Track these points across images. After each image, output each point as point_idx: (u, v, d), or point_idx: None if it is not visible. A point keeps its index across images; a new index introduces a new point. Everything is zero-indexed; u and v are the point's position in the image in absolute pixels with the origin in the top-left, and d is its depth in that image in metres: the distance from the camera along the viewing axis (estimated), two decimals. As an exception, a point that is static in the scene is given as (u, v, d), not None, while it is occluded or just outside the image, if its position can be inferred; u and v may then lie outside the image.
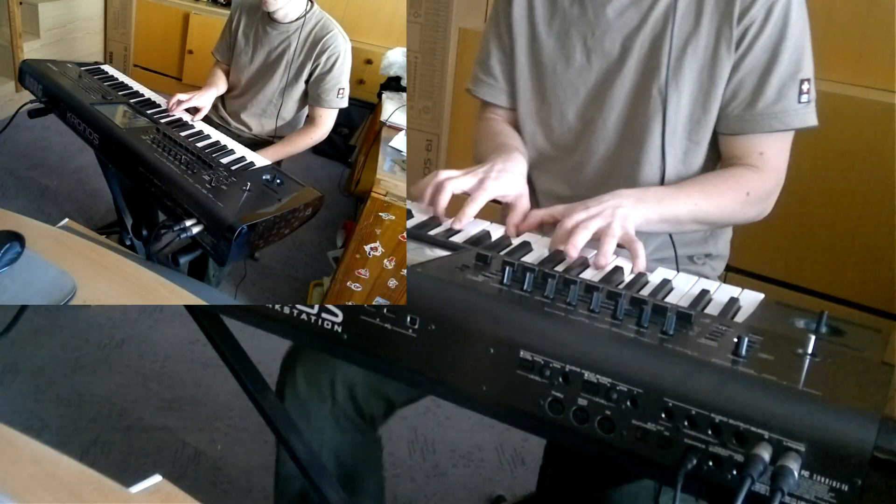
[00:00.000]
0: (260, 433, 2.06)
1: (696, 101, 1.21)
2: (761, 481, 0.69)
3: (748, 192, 1.19)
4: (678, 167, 1.25)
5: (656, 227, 1.14)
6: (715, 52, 1.19)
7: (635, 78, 1.24)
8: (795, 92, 1.18)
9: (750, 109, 1.19)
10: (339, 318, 0.91)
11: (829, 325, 0.88)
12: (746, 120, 1.20)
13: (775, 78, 1.17)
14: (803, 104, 1.19)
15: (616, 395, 0.76)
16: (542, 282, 0.87)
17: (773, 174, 1.23)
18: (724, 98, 1.21)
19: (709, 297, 0.96)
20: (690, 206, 1.15)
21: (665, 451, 0.74)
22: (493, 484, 2.00)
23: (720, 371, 0.74)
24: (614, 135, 1.27)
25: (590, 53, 1.26)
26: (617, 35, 1.24)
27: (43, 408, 2.12)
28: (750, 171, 1.21)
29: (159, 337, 2.46)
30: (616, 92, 1.25)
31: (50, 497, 0.71)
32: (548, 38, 1.29)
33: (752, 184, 1.20)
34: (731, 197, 1.19)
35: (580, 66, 1.27)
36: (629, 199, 1.09)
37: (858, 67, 2.19)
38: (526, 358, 0.79)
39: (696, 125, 1.23)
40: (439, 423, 2.17)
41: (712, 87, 1.20)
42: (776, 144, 1.21)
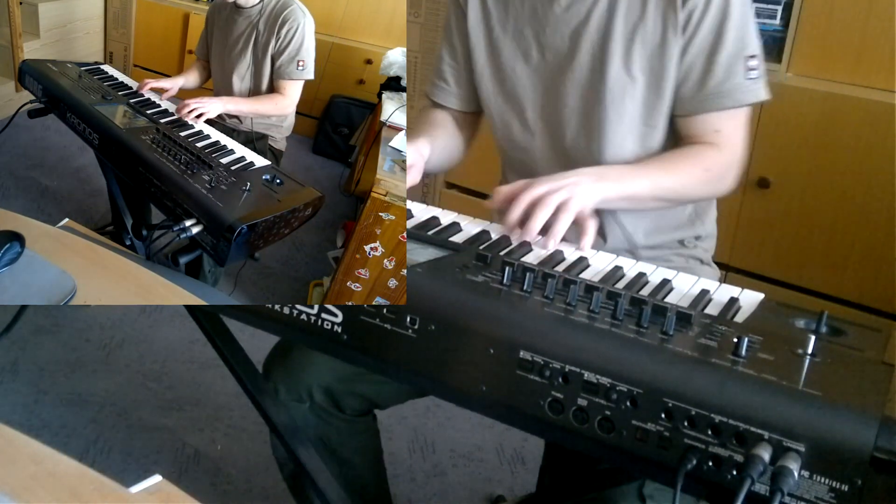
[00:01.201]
0: (260, 433, 2.06)
1: (648, 86, 1.24)
2: (761, 481, 0.69)
3: (707, 168, 1.22)
4: (637, 152, 1.28)
5: (616, 204, 1.17)
6: (663, 37, 1.22)
7: (587, 70, 1.26)
8: (742, 69, 1.21)
9: (701, 90, 1.22)
10: (338, 319, 0.91)
11: (829, 325, 0.88)
12: (699, 100, 1.23)
13: (722, 57, 1.20)
14: (752, 80, 1.21)
15: (616, 395, 0.76)
16: (542, 282, 0.87)
17: (731, 150, 1.24)
18: (676, 81, 1.23)
19: (709, 297, 0.96)
20: (650, 183, 1.18)
21: (665, 452, 0.74)
22: (493, 484, 2.00)
23: (720, 371, 0.74)
24: (573, 128, 1.30)
25: (544, 50, 1.29)
26: (565, 29, 1.27)
27: (43, 408, 2.12)
28: (708, 147, 1.23)
29: (159, 337, 2.46)
30: (569, 86, 1.28)
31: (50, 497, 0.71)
32: (504, 39, 1.33)
33: (711, 160, 1.22)
34: (690, 173, 1.21)
35: (537, 63, 1.30)
36: (589, 177, 1.12)
37: (858, 67, 2.19)
38: (526, 358, 0.79)
39: (651, 110, 1.25)
40: (439, 423, 2.17)
41: (663, 71, 1.23)
42: (731, 121, 1.24)
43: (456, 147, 1.43)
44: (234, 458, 2.01)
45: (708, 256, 1.39)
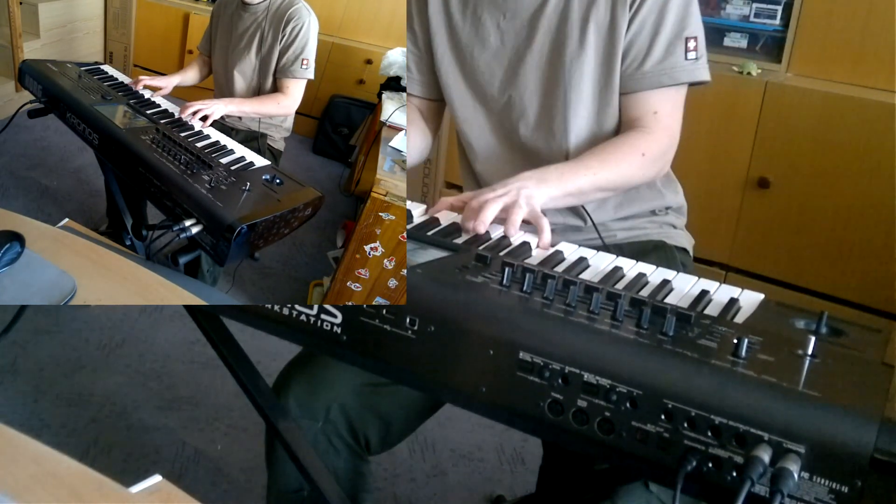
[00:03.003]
0: (259, 433, 2.05)
1: (601, 65, 1.29)
2: (761, 483, 0.69)
3: (643, 154, 1.25)
4: (594, 130, 1.33)
5: (562, 202, 1.20)
6: (612, 15, 1.26)
7: (545, 53, 1.31)
8: (682, 49, 1.25)
9: (640, 68, 1.27)
10: (338, 319, 0.91)
11: (828, 326, 0.88)
12: (637, 78, 1.27)
13: (662, 36, 1.25)
14: (691, 61, 1.26)
15: (616, 396, 0.76)
16: (542, 283, 0.87)
17: (666, 133, 1.28)
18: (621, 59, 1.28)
19: (708, 297, 0.96)
20: (591, 177, 1.21)
21: (665, 453, 0.74)
22: (493, 484, 2.00)
23: (720, 372, 0.73)
24: (533, 110, 1.34)
25: (503, 35, 1.33)
26: (524, 14, 1.31)
27: (43, 408, 2.13)
28: (643, 133, 1.27)
29: (159, 337, 2.46)
30: (528, 69, 1.32)
31: (50, 497, 0.71)
32: (463, 25, 1.37)
33: (646, 145, 1.26)
34: (628, 161, 1.25)
35: (496, 48, 1.34)
36: (531, 181, 1.15)
37: (858, 67, 2.19)
38: (525, 359, 0.79)
39: (604, 89, 1.30)
40: (439, 424, 2.17)
41: (613, 49, 1.27)
42: (667, 102, 1.28)
43: (426, 138, 1.48)
44: (234, 458, 2.01)
45: (681, 223, 1.45)
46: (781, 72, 2.27)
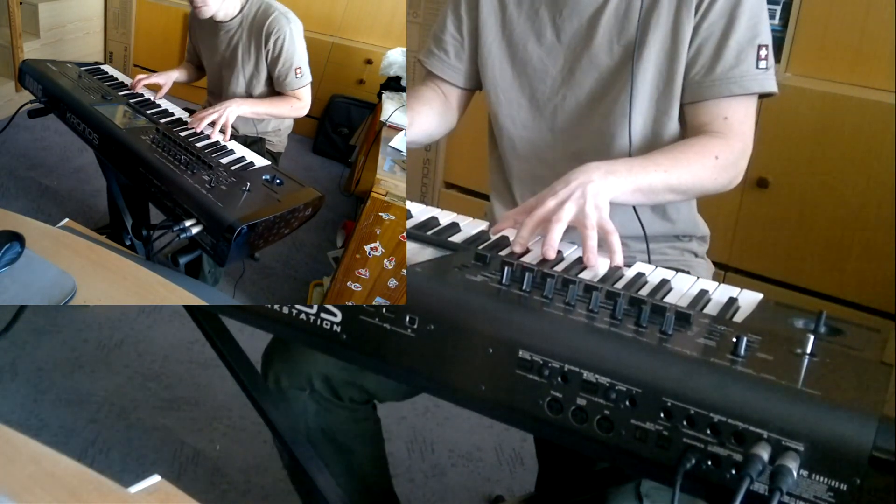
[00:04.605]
0: (258, 433, 2.06)
1: (660, 70, 1.24)
2: (760, 481, 0.69)
3: (717, 157, 1.19)
4: (649, 138, 1.27)
5: (630, 197, 1.12)
6: (676, 19, 1.22)
7: (604, 54, 1.27)
8: (753, 57, 1.20)
9: (709, 75, 1.21)
10: (338, 318, 0.91)
11: (827, 325, 0.88)
12: (706, 86, 1.21)
13: (733, 42, 1.19)
14: (762, 70, 1.20)
15: (615, 394, 0.76)
16: (541, 281, 0.87)
17: (739, 139, 1.22)
18: (686, 65, 1.23)
19: (707, 296, 0.96)
20: (662, 174, 1.14)
21: (664, 451, 0.74)
22: (492, 484, 2.00)
23: (719, 371, 0.74)
24: (587, 111, 1.29)
25: (559, 32, 1.29)
26: (584, 12, 1.27)
27: (42, 408, 2.12)
28: (716, 137, 1.21)
29: (158, 337, 2.46)
30: (585, 69, 1.28)
31: (49, 497, 0.71)
32: (518, 16, 1.33)
33: (720, 149, 1.19)
34: (701, 163, 1.18)
35: (550, 44, 1.30)
36: (598, 172, 1.07)
37: (857, 67, 2.19)
38: (525, 357, 0.79)
39: (662, 95, 1.25)
40: (438, 423, 2.17)
41: (676, 54, 1.23)
42: (739, 109, 1.22)
43: (445, 124, 1.42)
44: (233, 458, 2.01)
45: (702, 251, 1.40)
46: (780, 71, 2.27)
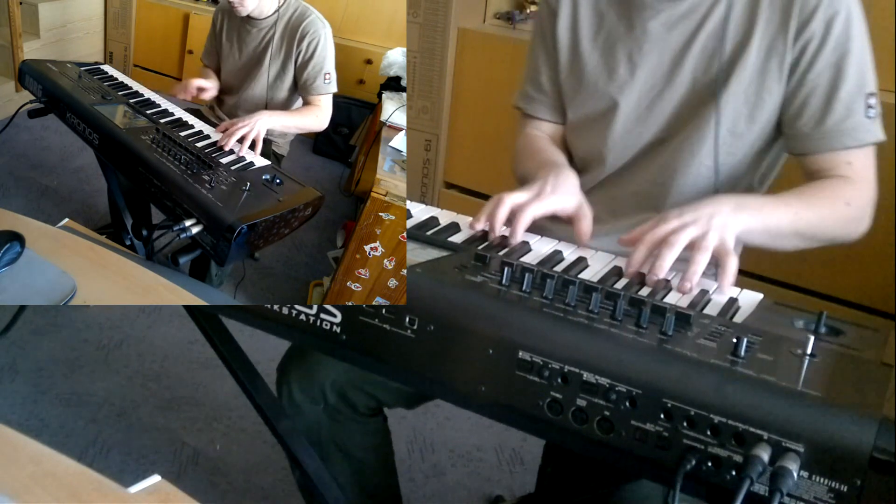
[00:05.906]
0: (258, 433, 2.06)
1: (738, 114, 1.19)
2: (760, 482, 0.69)
3: (848, 202, 1.15)
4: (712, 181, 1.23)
5: (757, 237, 1.09)
6: (764, 66, 1.17)
7: (685, 93, 1.21)
8: (863, 107, 1.15)
9: (819, 127, 1.16)
10: (337, 319, 0.91)
11: (827, 326, 0.88)
12: (816, 138, 1.17)
13: (843, 93, 1.15)
14: (871, 119, 1.16)
15: (615, 395, 0.76)
16: (541, 282, 0.87)
17: (867, 184, 1.18)
18: (789, 115, 1.18)
19: (708, 297, 0.96)
20: (791, 216, 1.10)
21: (664, 452, 0.74)
22: (492, 484, 2.00)
23: (719, 372, 0.74)
24: (658, 148, 1.24)
25: (635, 68, 1.23)
26: (667, 50, 1.21)
27: (42, 408, 2.12)
28: (843, 180, 1.17)
29: (158, 337, 2.46)
30: (664, 106, 1.22)
31: (49, 497, 0.71)
32: (592, 53, 1.26)
33: (850, 193, 1.15)
34: (831, 207, 1.14)
35: (623, 80, 1.24)
36: (727, 206, 1.03)
37: (858, 68, 2.18)
38: (525, 358, 0.79)
39: (736, 138, 1.20)
40: (438, 423, 2.17)
41: (759, 101, 1.18)
42: (859, 156, 1.18)
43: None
44: (233, 458, 2.01)
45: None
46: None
